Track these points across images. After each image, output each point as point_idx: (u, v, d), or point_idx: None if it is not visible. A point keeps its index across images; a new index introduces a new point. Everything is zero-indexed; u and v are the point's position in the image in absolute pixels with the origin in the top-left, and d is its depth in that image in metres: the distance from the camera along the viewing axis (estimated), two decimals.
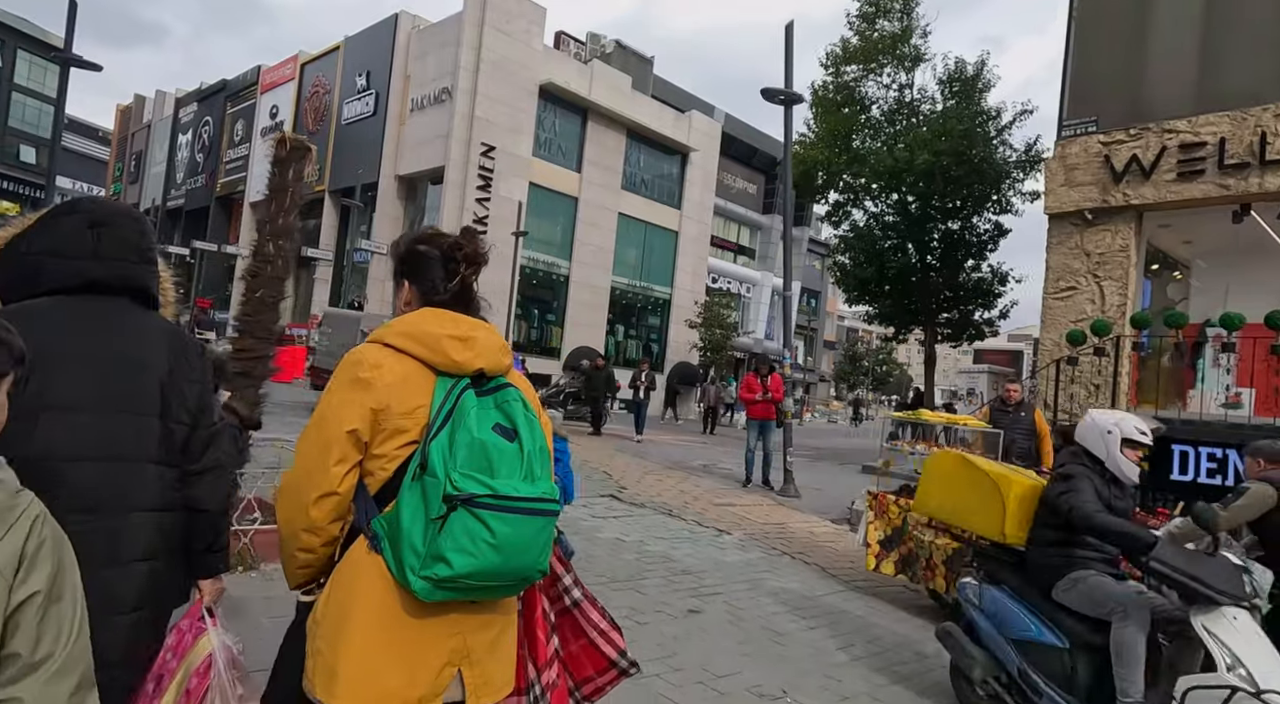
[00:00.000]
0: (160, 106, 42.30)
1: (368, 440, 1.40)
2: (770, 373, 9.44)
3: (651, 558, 5.78)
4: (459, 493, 1.29)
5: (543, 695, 1.63)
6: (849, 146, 14.78)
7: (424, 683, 1.36)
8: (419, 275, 1.57)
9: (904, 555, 5.28)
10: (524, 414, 1.43)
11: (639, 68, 30.06)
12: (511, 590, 1.45)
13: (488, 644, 1.44)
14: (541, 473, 1.40)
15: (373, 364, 1.42)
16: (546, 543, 1.40)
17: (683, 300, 29.56)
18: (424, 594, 1.31)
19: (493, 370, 1.47)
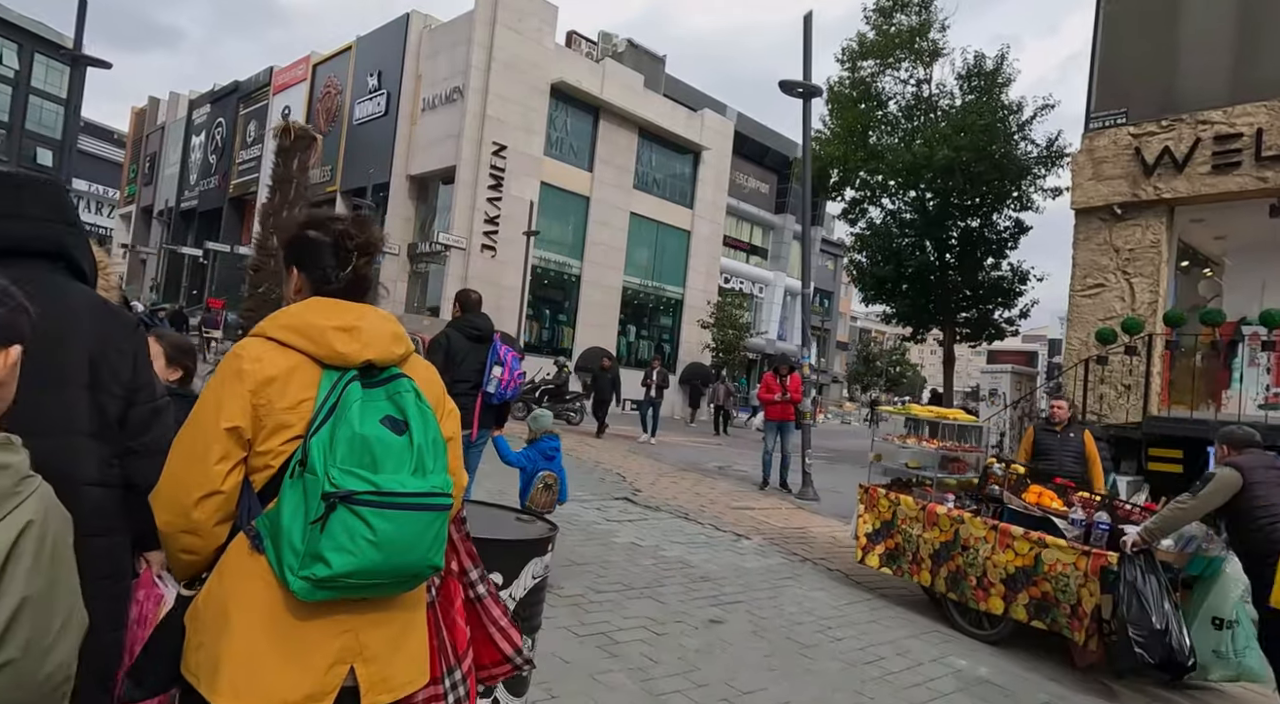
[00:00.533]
0: (174, 108, 42.52)
1: (250, 438, 1.35)
2: (789, 373, 9.20)
3: (669, 564, 5.57)
4: (337, 490, 1.25)
5: (462, 681, 1.62)
6: (865, 143, 14.50)
7: (310, 682, 1.33)
8: (309, 263, 1.49)
9: (890, 549, 5.28)
10: (416, 405, 1.39)
11: (651, 67, 29.88)
12: (403, 587, 1.39)
13: (386, 641, 1.40)
14: (435, 466, 1.36)
15: (253, 358, 1.37)
16: (437, 538, 1.36)
17: (695, 300, 29.33)
18: (303, 594, 1.28)
19: (383, 361, 1.42)
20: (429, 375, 1.54)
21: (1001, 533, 4.57)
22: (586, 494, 7.95)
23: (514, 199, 22.97)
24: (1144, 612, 3.71)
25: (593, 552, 5.61)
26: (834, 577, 5.85)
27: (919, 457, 6.06)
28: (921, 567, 5.03)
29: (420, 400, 1.41)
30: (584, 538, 6.02)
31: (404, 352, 1.47)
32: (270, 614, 1.32)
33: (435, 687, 1.57)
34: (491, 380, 4.63)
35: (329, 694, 1.35)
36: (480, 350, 4.70)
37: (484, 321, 4.78)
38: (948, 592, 4.85)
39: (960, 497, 5.35)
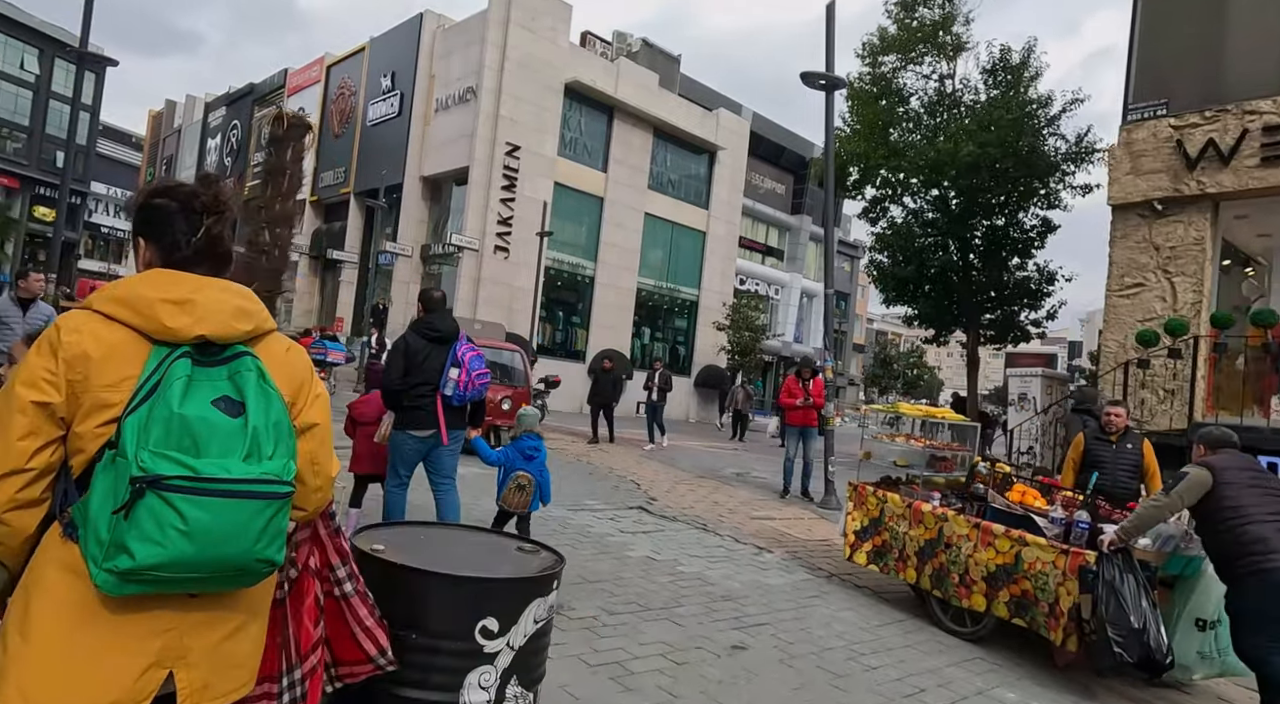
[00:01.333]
0: (190, 111, 42.72)
1: (65, 416, 1.23)
2: (812, 377, 8.83)
3: (687, 581, 5.23)
4: (144, 474, 1.15)
5: (300, 682, 1.54)
6: (886, 140, 14.09)
7: (117, 689, 1.20)
8: (157, 232, 1.39)
9: (877, 546, 5.33)
10: (258, 385, 1.28)
11: (666, 66, 29.56)
12: (231, 583, 1.26)
13: (211, 646, 1.29)
14: (275, 451, 1.25)
15: (71, 330, 1.25)
16: (268, 530, 1.23)
17: (710, 302, 28.96)
18: (108, 588, 1.17)
19: (221, 337, 1.30)
20: (289, 357, 1.43)
21: (983, 531, 4.60)
22: (599, 503, 7.63)
23: (527, 200, 22.72)
24: (1122, 610, 3.71)
25: (606, 567, 5.28)
26: (862, 594, 5.48)
27: (907, 455, 6.11)
28: (907, 564, 5.06)
29: (264, 381, 1.29)
30: (596, 552, 5.69)
31: (250, 328, 1.34)
32: (78, 610, 1.20)
33: (270, 685, 1.49)
34: (448, 382, 4.53)
35: (144, 700, 1.22)
36: (441, 351, 4.60)
37: (445, 322, 4.68)
38: (932, 589, 4.88)
39: (946, 495, 5.36)
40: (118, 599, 1.20)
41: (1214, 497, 3.56)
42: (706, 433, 21.73)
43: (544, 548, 2.18)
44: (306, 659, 1.57)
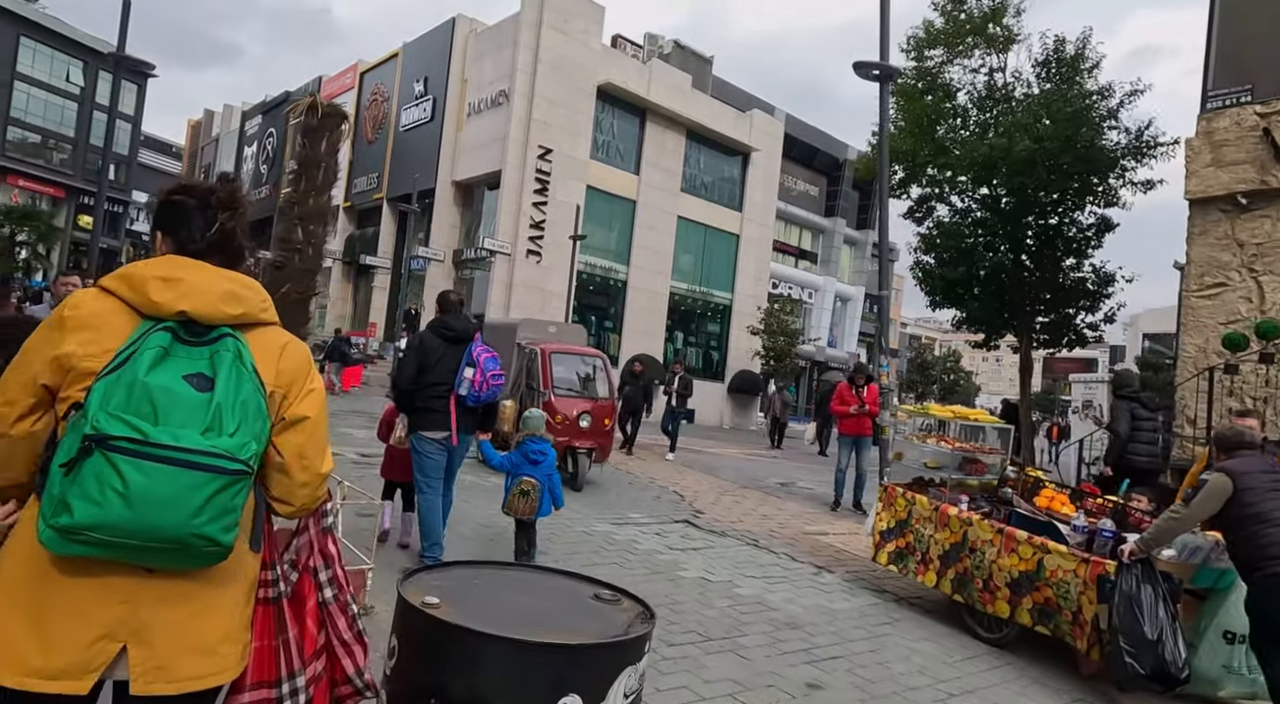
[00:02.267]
0: (228, 120, 43.39)
1: (49, 383, 1.28)
2: (867, 383, 8.36)
3: (747, 605, 4.83)
4: (95, 432, 1.16)
5: (304, 688, 1.48)
6: (933, 137, 13.54)
7: (65, 654, 1.19)
8: (174, 226, 1.46)
9: (900, 548, 5.25)
10: (232, 365, 1.30)
11: (698, 67, 29.20)
12: (174, 558, 1.23)
13: (172, 623, 1.25)
14: (236, 429, 1.25)
15: (73, 305, 1.33)
16: (211, 505, 1.20)
17: (744, 306, 28.47)
18: (50, 545, 1.17)
19: (204, 316, 1.33)
20: (286, 351, 1.43)
21: (1007, 537, 4.53)
22: (643, 516, 7.26)
23: (559, 203, 22.50)
24: (1136, 621, 3.64)
25: (659, 590, 4.90)
26: (937, 621, 5.03)
27: (937, 457, 6.12)
28: (929, 567, 4.98)
29: (239, 362, 1.31)
30: (647, 572, 5.32)
31: (239, 312, 1.37)
32: (32, 568, 1.21)
33: (268, 690, 1.43)
34: (463, 382, 4.48)
35: (91, 672, 1.21)
36: (456, 352, 4.56)
37: (460, 322, 4.66)
38: (953, 593, 4.81)
39: (976, 498, 5.31)
40: (72, 562, 1.20)
41: (1236, 503, 3.45)
42: (742, 439, 21.25)
43: (624, 595, 1.82)
44: (310, 665, 1.51)
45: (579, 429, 8.30)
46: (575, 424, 8.29)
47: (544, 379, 8.64)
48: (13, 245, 34.72)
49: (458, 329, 4.61)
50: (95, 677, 1.21)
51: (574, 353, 9.36)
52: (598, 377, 9.17)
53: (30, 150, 41.68)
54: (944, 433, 7.06)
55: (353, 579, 3.87)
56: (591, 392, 8.90)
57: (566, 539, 5.94)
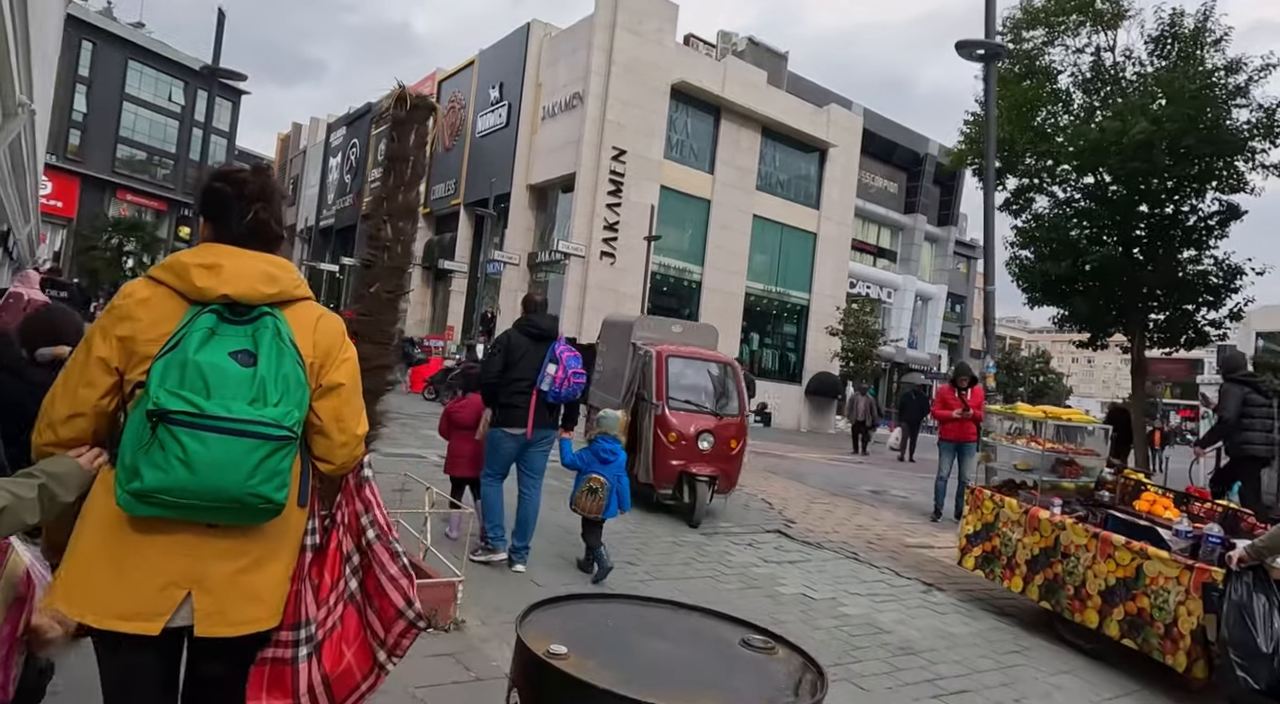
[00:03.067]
0: (314, 133, 45.18)
1: (119, 366, 1.43)
2: (971, 386, 7.78)
3: (856, 627, 4.44)
4: (156, 408, 1.32)
5: (312, 636, 1.56)
6: (1032, 123, 12.68)
7: (140, 599, 1.38)
8: (213, 213, 1.57)
9: (986, 552, 5.12)
10: (273, 341, 1.43)
11: (773, 64, 28.59)
12: (234, 515, 1.39)
13: (228, 575, 1.42)
14: (280, 400, 1.39)
15: (125, 294, 1.47)
16: (263, 468, 1.36)
17: (822, 307, 27.68)
18: (126, 507, 1.35)
19: (245, 298, 1.46)
20: (320, 324, 1.55)
21: (1103, 541, 4.32)
22: (733, 525, 6.92)
23: (633, 204, 22.35)
24: (1248, 632, 3.40)
25: (758, 606, 4.57)
26: (1072, 652, 4.51)
27: (1029, 458, 5.84)
28: (1015, 572, 4.84)
29: (279, 338, 1.44)
30: (742, 586, 5.00)
31: (275, 292, 1.48)
32: (111, 528, 1.39)
33: (287, 632, 1.53)
34: (545, 378, 4.62)
35: (160, 616, 1.37)
36: (540, 349, 4.70)
37: (545, 321, 4.81)
38: (1041, 600, 4.66)
39: (1070, 502, 5.10)
40: (143, 521, 1.36)
41: None
42: (823, 443, 20.60)
43: (778, 641, 1.51)
44: (322, 610, 1.59)
45: (698, 452, 6.70)
46: (693, 445, 6.70)
47: (657, 388, 6.89)
48: (120, 255, 37.00)
49: (543, 327, 4.74)
50: (164, 620, 1.37)
51: (696, 357, 7.41)
52: (726, 387, 7.31)
53: (137, 166, 44.43)
54: (1036, 434, 6.64)
55: (441, 592, 3.72)
56: (717, 405, 7.10)
57: (657, 550, 5.68)
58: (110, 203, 41.80)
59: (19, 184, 11.03)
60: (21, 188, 11.63)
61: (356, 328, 3.80)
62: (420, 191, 3.89)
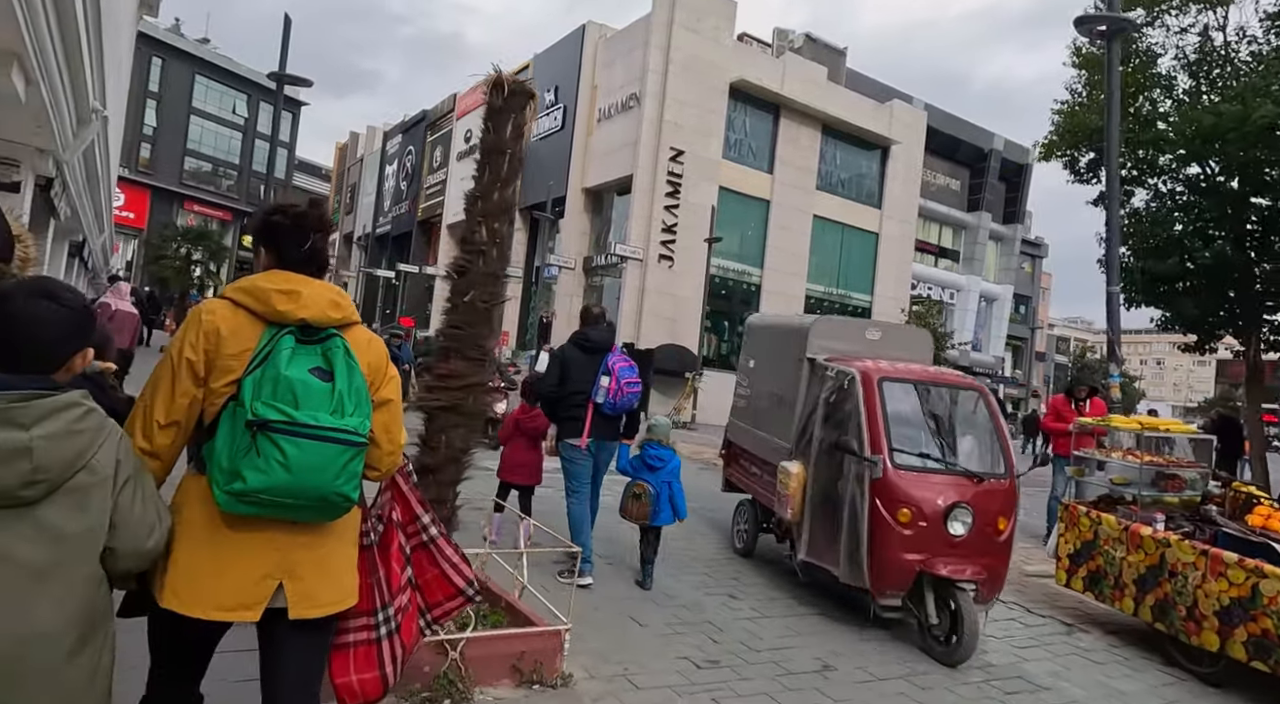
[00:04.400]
0: (370, 141, 45.91)
1: (203, 375, 1.58)
2: (1089, 397, 7.08)
3: (1006, 680, 3.87)
4: (256, 418, 1.47)
5: (394, 617, 1.81)
6: (1132, 110, 11.76)
7: (242, 590, 1.55)
8: (273, 243, 1.75)
9: (1091, 571, 4.88)
10: (344, 360, 1.61)
11: (831, 60, 27.82)
12: (317, 512, 1.58)
13: (313, 563, 1.62)
14: (354, 411, 1.57)
15: (209, 311, 1.63)
16: (347, 470, 1.54)
17: (884, 309, 26.72)
18: (226, 506, 1.51)
19: (319, 321, 1.64)
20: (371, 346, 1.76)
21: (1213, 559, 4.09)
22: None
23: (691, 206, 21.87)
24: None
25: (875, 637, 4.03)
26: None
27: (1127, 472, 5.49)
28: (1125, 592, 4.60)
29: (349, 357, 1.63)
30: (863, 620, 4.45)
31: (341, 317, 1.69)
32: (209, 528, 1.56)
33: (367, 618, 1.77)
34: (600, 390, 4.64)
35: (259, 604, 1.56)
36: (595, 362, 4.72)
37: (600, 333, 4.84)
38: (1154, 622, 4.39)
39: (1175, 517, 4.89)
40: (237, 521, 1.54)
41: None
42: None
43: None
44: (396, 597, 1.83)
45: (947, 539, 4.18)
46: (939, 528, 4.17)
47: (872, 433, 4.37)
48: (189, 263, 38.07)
49: (595, 340, 4.79)
50: (263, 607, 1.56)
51: (927, 381, 4.84)
52: (980, 428, 4.75)
53: (204, 178, 45.85)
54: (1133, 446, 6.28)
55: (546, 641, 3.30)
56: (970, 462, 4.55)
57: (760, 574, 5.17)
58: (178, 213, 43.15)
59: (94, 195, 11.15)
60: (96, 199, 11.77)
61: (448, 342, 3.42)
62: (517, 189, 3.48)
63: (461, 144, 33.16)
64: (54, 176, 7.46)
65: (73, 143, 7.06)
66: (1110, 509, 5.08)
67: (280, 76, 11.22)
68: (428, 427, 3.39)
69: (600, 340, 4.78)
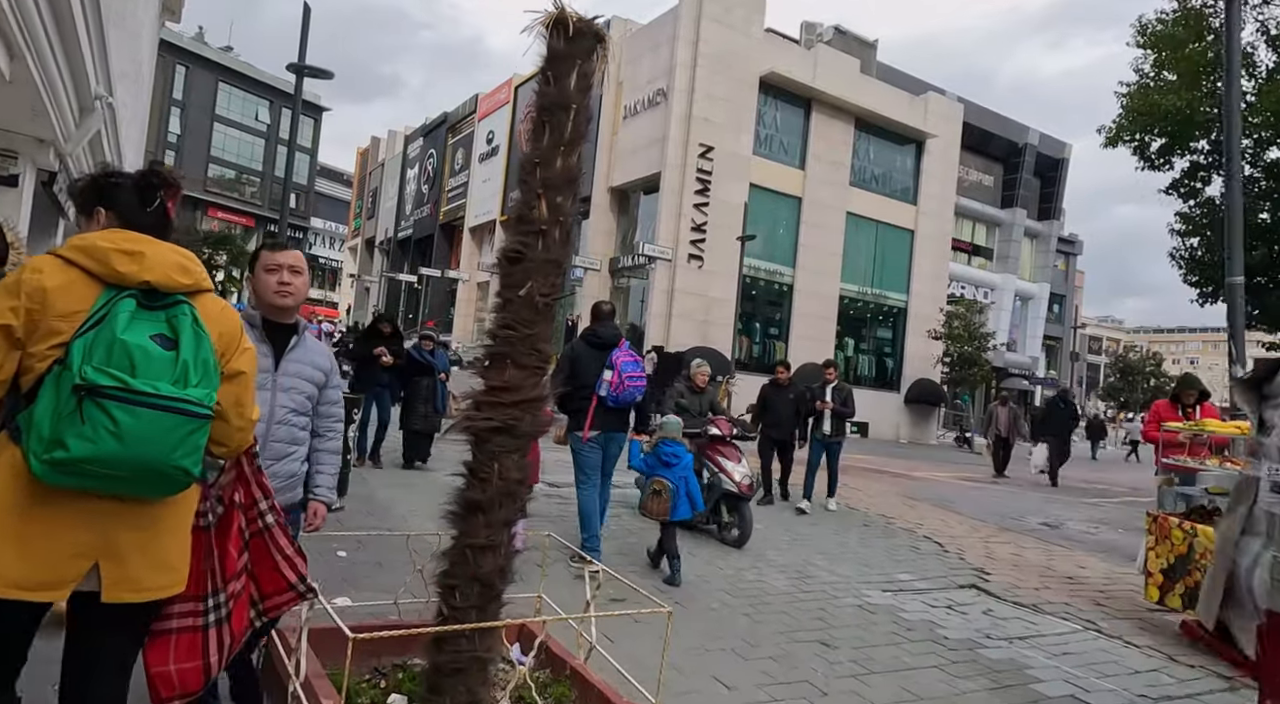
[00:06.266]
0: (391, 145, 45.71)
1: (21, 337, 1.46)
2: (1199, 401, 6.27)
3: None
4: (84, 383, 1.37)
5: (225, 604, 1.73)
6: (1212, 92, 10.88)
7: (48, 567, 1.44)
8: (115, 202, 1.65)
9: (1191, 587, 4.58)
10: (191, 328, 1.52)
11: (862, 53, 26.98)
12: (150, 487, 1.48)
13: (136, 544, 1.52)
14: (199, 382, 1.48)
15: (34, 269, 1.50)
16: (186, 443, 1.45)
17: (921, 308, 25.85)
18: (44, 476, 1.39)
19: (164, 285, 1.54)
20: (223, 315, 1.67)
21: None
22: (915, 577, 5.63)
23: (722, 204, 21.18)
24: None
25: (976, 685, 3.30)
26: None
27: (1223, 481, 5.06)
28: None
29: (197, 326, 1.53)
30: (989, 686, 3.71)
31: (190, 282, 1.59)
32: (15, 501, 1.43)
33: (195, 604, 1.68)
34: (602, 384, 4.82)
35: (66, 583, 1.47)
36: (602, 357, 4.90)
37: (607, 330, 5.02)
38: None
39: None
40: (53, 493, 1.42)
41: None
42: (937, 458, 18.85)
43: None
44: (230, 584, 1.74)
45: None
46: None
47: None
48: (211, 268, 38.01)
49: (604, 336, 4.99)
50: (71, 587, 1.48)
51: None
52: None
53: (227, 185, 45.90)
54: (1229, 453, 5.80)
55: None
56: None
57: (841, 618, 4.45)
58: (202, 220, 43.20)
59: None
60: None
61: (498, 347, 2.73)
62: (582, 157, 2.81)
63: (484, 146, 32.71)
64: (57, 171, 6.95)
65: (75, 133, 6.52)
66: (1205, 521, 4.80)
67: (299, 68, 10.71)
68: (475, 452, 2.69)
69: (608, 336, 5.00)
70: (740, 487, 5.92)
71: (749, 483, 6.00)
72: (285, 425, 2.42)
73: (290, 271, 2.43)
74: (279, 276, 2.42)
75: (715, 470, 6.07)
